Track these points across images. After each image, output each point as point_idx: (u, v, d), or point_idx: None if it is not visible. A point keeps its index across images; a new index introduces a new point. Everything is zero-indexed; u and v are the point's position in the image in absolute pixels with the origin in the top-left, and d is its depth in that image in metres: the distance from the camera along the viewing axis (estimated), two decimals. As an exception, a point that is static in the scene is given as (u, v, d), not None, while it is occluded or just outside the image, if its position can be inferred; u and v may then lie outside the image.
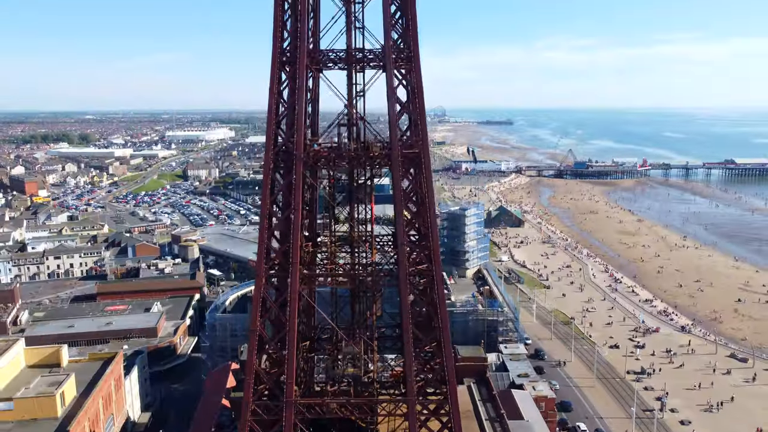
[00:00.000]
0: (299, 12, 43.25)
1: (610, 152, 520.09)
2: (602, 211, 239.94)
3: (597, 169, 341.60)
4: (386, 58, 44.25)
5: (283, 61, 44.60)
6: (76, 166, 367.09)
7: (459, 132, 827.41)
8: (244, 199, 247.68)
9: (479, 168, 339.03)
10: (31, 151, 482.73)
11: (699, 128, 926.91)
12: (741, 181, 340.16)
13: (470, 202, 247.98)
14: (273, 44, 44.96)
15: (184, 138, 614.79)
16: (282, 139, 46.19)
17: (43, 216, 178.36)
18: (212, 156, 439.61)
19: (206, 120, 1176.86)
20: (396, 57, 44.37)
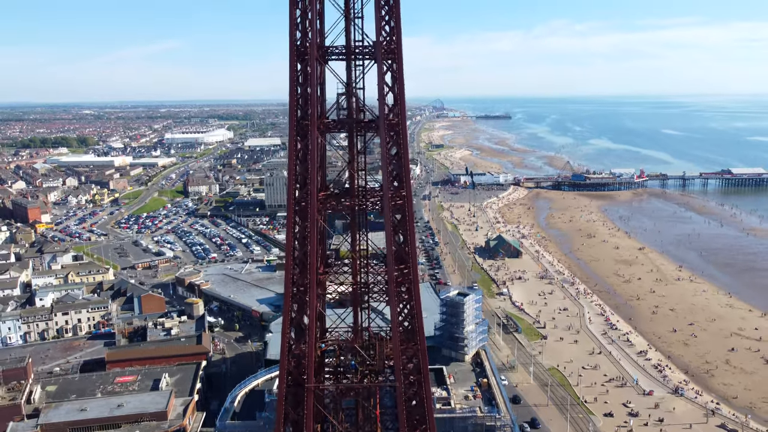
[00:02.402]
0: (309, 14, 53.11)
1: (607, 155, 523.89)
2: (599, 233, 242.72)
3: (594, 181, 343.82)
4: (377, 52, 54.62)
5: (298, 54, 54.53)
6: (77, 180, 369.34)
7: (457, 130, 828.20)
8: (245, 223, 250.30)
9: (477, 181, 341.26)
10: (31, 160, 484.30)
11: (696, 123, 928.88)
12: (737, 192, 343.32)
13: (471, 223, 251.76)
14: (290, 41, 54.49)
15: (182, 141, 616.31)
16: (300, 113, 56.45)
17: (48, 257, 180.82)
18: (212, 165, 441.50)
19: (204, 116, 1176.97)
20: (384, 51, 54.45)
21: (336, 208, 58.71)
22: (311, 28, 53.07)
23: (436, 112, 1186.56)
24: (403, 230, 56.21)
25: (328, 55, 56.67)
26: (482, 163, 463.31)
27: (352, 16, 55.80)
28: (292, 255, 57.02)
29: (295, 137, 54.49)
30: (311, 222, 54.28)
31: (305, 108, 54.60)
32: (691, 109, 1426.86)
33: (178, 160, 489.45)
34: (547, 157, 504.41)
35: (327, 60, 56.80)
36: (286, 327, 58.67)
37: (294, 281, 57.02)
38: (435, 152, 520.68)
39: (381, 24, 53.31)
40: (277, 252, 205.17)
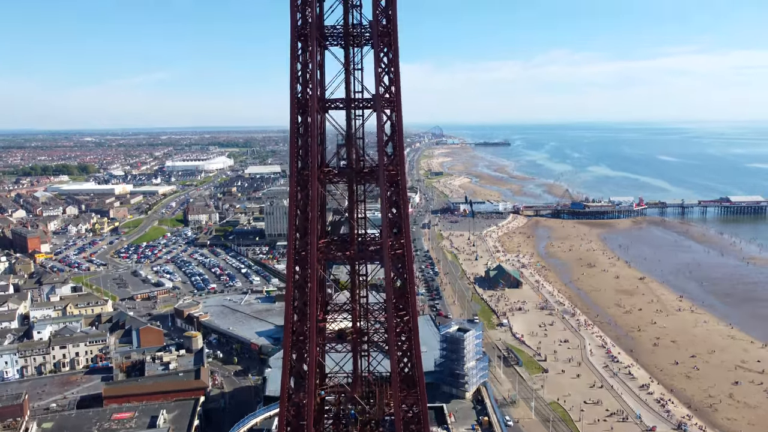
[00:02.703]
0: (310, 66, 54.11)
1: (606, 182, 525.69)
2: (599, 262, 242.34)
3: (594, 209, 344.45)
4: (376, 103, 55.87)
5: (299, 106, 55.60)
6: (77, 208, 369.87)
7: (456, 157, 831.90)
8: (245, 253, 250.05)
9: (477, 209, 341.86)
10: (32, 188, 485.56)
11: (694, 149, 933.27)
12: (736, 219, 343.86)
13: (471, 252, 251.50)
14: (291, 94, 55.30)
15: (183, 169, 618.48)
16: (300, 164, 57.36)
17: (47, 288, 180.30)
18: (212, 193, 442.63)
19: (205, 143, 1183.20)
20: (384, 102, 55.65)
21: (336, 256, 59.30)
22: (311, 81, 53.78)
23: (435, 138, 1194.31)
24: (402, 277, 56.23)
25: (329, 105, 57.54)
26: (481, 190, 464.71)
27: (351, 68, 56.64)
28: (291, 304, 56.69)
29: (295, 187, 54.93)
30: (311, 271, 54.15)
31: (306, 158, 54.99)
32: (689, 136, 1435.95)
33: (179, 187, 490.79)
34: (546, 185, 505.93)
35: (327, 110, 57.61)
36: (286, 377, 58.12)
37: (294, 330, 56.70)
38: (434, 180, 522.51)
39: (380, 76, 54.14)
40: (277, 282, 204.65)
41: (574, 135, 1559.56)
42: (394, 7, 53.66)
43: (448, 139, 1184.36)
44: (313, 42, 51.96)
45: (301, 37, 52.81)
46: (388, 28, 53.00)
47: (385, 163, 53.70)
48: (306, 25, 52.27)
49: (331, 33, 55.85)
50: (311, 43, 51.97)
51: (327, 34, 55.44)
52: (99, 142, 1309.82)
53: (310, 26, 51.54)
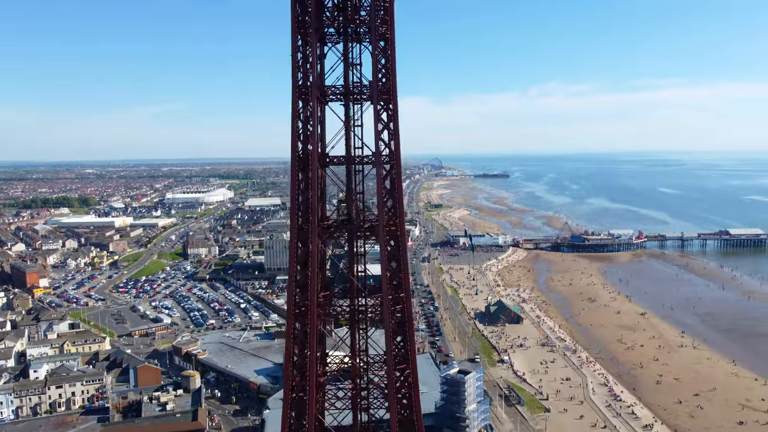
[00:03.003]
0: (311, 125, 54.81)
1: (605, 214, 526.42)
2: (600, 297, 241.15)
3: (593, 242, 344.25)
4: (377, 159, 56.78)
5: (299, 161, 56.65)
6: (77, 242, 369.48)
7: (455, 189, 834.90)
8: (244, 288, 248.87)
9: (476, 242, 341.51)
10: (32, 221, 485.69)
11: (692, 181, 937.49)
12: (736, 252, 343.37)
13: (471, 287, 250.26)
14: (291, 150, 56.50)
15: (183, 201, 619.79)
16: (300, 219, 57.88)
17: (45, 325, 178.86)
18: (211, 226, 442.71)
19: (206, 174, 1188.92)
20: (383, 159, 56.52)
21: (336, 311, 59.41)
22: (312, 138, 54.27)
23: (435, 170, 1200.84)
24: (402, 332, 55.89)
25: (330, 161, 58.19)
26: (481, 223, 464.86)
27: (352, 124, 57.06)
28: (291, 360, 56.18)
29: (296, 243, 55.04)
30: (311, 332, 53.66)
31: (306, 214, 55.08)
32: (687, 168, 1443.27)
33: (179, 220, 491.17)
34: (545, 217, 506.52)
35: (328, 165, 58.16)
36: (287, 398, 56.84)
37: (293, 386, 56.16)
38: (434, 212, 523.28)
39: (380, 134, 54.97)
40: (276, 318, 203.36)
41: (572, 166, 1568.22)
42: (393, 67, 54.33)
43: (447, 171, 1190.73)
44: (314, 100, 52.51)
45: (302, 95, 53.42)
46: (387, 86, 53.65)
47: (385, 219, 53.78)
48: (307, 83, 52.85)
49: (331, 91, 56.32)
50: (312, 101, 52.55)
51: (328, 92, 55.94)
52: (100, 173, 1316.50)
53: (311, 85, 52.11)
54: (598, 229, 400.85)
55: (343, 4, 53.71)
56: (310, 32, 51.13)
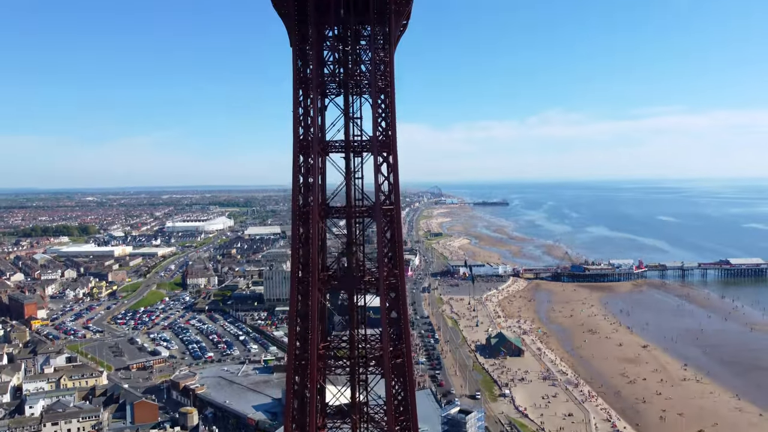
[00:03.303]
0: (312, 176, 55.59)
1: (605, 243, 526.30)
2: (601, 328, 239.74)
3: (594, 272, 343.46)
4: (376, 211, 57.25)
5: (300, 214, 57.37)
6: (75, 271, 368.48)
7: (455, 217, 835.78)
8: (243, 319, 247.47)
9: (476, 272, 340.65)
10: (31, 250, 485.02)
11: (691, 209, 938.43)
12: (737, 282, 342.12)
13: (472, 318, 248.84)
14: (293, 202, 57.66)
15: (183, 230, 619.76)
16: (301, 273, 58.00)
17: (42, 358, 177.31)
18: (211, 255, 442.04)
19: (206, 202, 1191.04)
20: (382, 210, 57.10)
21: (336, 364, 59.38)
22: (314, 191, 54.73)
23: (434, 198, 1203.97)
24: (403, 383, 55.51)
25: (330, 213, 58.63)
26: (481, 252, 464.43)
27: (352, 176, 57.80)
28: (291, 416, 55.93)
29: (296, 296, 55.11)
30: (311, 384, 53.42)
31: (306, 267, 55.32)
32: (686, 195, 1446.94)
33: (178, 249, 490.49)
34: (545, 246, 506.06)
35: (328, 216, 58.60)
36: None
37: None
38: (434, 241, 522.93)
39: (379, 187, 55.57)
40: (275, 350, 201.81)
41: (571, 194, 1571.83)
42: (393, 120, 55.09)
43: (446, 199, 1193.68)
44: (315, 153, 53.17)
45: (304, 150, 54.21)
46: (387, 141, 54.51)
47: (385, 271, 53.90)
48: (308, 137, 53.60)
49: (332, 145, 56.95)
50: (313, 154, 53.25)
51: (329, 145, 56.63)
52: (100, 201, 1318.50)
53: (313, 140, 52.88)
54: (598, 258, 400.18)
55: (344, 59, 54.58)
56: (311, 87, 51.92)
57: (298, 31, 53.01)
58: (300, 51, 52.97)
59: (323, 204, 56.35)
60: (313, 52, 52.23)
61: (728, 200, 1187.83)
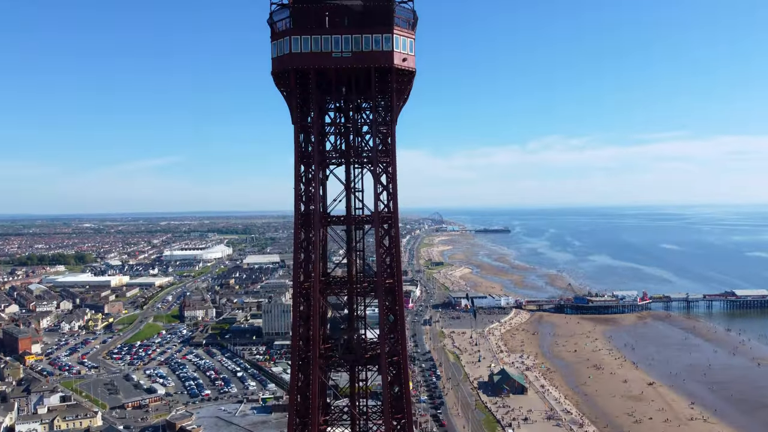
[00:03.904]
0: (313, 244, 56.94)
1: (608, 272, 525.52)
2: (606, 363, 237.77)
3: (597, 304, 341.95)
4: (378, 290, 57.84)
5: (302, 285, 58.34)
6: (71, 302, 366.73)
7: (456, 245, 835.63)
8: (241, 354, 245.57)
9: (478, 304, 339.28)
10: (26, 280, 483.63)
11: (695, 237, 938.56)
12: (743, 314, 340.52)
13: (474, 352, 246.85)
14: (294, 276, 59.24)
15: (181, 259, 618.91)
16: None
17: (35, 397, 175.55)
18: (209, 285, 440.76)
19: (204, 229, 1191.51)
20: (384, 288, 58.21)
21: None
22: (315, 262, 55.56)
23: (435, 225, 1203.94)
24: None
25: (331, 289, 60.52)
26: (483, 282, 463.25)
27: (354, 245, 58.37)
28: None
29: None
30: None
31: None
32: (689, 222, 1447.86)
33: (176, 279, 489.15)
34: (548, 276, 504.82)
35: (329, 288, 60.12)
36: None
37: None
38: (435, 270, 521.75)
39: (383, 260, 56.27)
40: (273, 388, 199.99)
41: (573, 221, 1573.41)
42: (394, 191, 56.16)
43: (447, 226, 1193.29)
44: (317, 228, 53.85)
45: (305, 225, 54.65)
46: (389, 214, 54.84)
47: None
48: (309, 212, 54.22)
49: (333, 219, 57.65)
50: (315, 228, 53.87)
51: (330, 220, 57.33)
52: (98, 228, 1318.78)
53: (314, 214, 53.48)
54: (601, 288, 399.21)
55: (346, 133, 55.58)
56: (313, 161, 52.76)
57: (300, 109, 53.89)
58: (302, 128, 53.69)
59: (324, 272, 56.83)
60: (314, 129, 52.91)
61: (731, 227, 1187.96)
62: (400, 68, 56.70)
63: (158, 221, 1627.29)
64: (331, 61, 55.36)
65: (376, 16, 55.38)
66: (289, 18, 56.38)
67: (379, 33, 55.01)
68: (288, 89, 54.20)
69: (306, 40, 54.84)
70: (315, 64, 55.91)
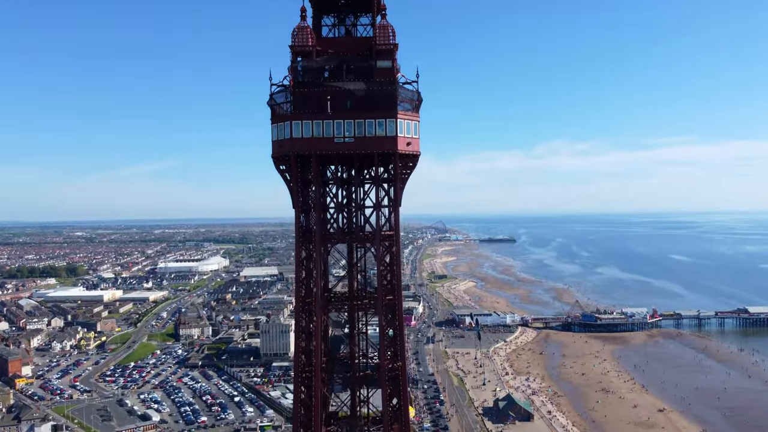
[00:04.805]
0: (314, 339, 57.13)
1: (617, 286, 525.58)
2: (615, 386, 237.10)
3: (606, 321, 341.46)
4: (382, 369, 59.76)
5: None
6: (63, 320, 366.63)
7: (460, 255, 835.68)
8: (238, 377, 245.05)
9: (483, 322, 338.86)
10: (17, 293, 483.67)
11: (706, 247, 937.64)
12: (756, 332, 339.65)
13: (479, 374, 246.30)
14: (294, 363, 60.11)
15: (176, 271, 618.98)
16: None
17: (26, 426, 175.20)
18: (205, 300, 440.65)
19: (200, 238, 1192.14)
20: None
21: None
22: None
23: (438, 234, 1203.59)
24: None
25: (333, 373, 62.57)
26: (488, 297, 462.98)
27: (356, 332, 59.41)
28: None
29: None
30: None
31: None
32: (699, 231, 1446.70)
33: (171, 293, 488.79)
34: (554, 290, 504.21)
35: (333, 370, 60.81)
36: None
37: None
38: (438, 284, 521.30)
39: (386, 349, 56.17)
40: (271, 414, 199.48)
41: (580, 229, 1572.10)
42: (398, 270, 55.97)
43: (451, 235, 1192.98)
44: (318, 311, 54.18)
45: (306, 307, 55.05)
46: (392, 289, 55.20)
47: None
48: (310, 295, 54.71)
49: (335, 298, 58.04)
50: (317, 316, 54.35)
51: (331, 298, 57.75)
52: (90, 237, 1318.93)
53: (315, 295, 53.92)
54: (610, 304, 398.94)
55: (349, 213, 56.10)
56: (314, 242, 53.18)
57: (301, 192, 54.35)
58: (303, 212, 54.09)
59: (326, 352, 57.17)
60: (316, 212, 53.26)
61: (743, 236, 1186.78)
62: (405, 153, 57.53)
63: (152, 229, 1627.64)
64: (334, 146, 55.90)
65: (379, 100, 55.67)
66: (289, 102, 56.74)
67: (382, 118, 55.31)
68: (288, 173, 54.50)
69: (307, 124, 55.18)
70: (317, 149, 56.50)
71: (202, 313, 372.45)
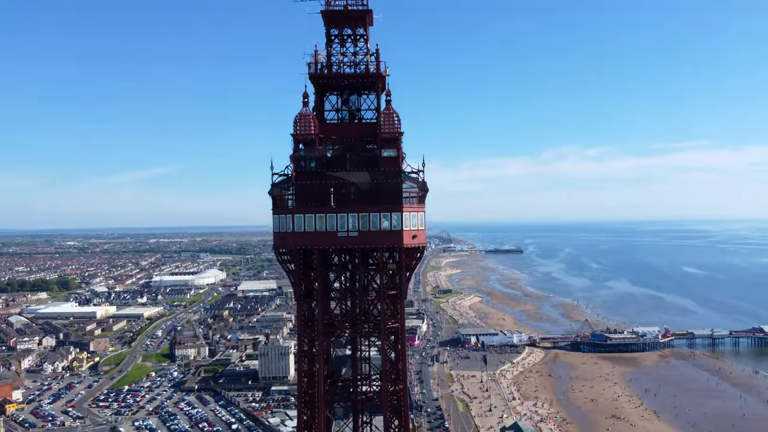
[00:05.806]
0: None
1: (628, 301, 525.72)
2: (625, 413, 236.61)
3: (616, 341, 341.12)
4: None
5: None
6: (55, 339, 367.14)
7: (466, 267, 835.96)
8: (236, 401, 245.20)
9: (489, 342, 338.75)
10: (6, 309, 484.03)
11: (719, 258, 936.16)
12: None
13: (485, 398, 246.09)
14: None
15: (171, 285, 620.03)
16: None
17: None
18: (201, 317, 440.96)
19: (196, 248, 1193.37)
20: None
21: None
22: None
23: (443, 245, 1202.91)
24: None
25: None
26: (494, 313, 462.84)
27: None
28: None
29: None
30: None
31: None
32: (712, 240, 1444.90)
33: (166, 309, 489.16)
34: (563, 306, 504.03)
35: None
36: None
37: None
38: (442, 299, 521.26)
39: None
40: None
41: (589, 239, 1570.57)
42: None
43: (456, 246, 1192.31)
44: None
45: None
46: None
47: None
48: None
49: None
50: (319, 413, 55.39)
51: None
52: (82, 246, 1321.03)
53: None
54: (620, 321, 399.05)
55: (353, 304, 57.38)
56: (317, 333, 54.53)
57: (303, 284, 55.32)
58: (306, 304, 55.07)
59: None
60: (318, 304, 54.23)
61: (758, 247, 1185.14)
62: (410, 246, 58.42)
63: (147, 238, 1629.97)
64: (337, 241, 56.73)
65: (384, 193, 56.34)
66: (291, 195, 57.47)
67: (387, 211, 55.98)
68: (291, 265, 55.43)
69: (310, 218, 55.97)
70: (319, 244, 57.24)
71: (198, 331, 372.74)
